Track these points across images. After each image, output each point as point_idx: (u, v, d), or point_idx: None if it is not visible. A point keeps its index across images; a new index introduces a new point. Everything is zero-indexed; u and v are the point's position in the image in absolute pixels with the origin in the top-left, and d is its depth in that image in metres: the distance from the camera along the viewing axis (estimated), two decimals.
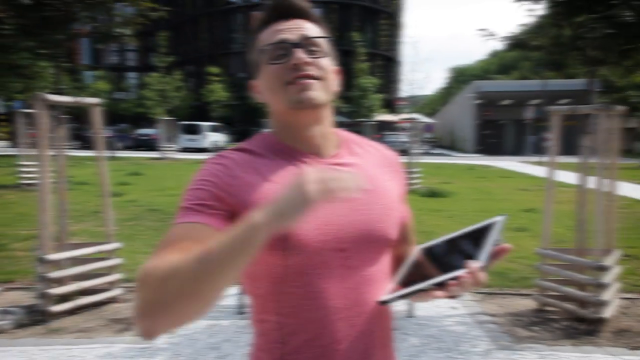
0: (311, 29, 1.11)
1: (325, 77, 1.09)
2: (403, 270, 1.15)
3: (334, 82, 1.14)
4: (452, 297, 0.98)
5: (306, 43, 1.08)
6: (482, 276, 0.95)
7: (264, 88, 1.13)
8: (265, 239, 0.84)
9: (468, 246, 1.04)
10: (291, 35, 1.08)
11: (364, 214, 1.10)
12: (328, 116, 1.15)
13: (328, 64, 1.11)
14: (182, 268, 0.84)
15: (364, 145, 1.24)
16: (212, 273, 0.83)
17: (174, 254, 0.88)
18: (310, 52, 1.08)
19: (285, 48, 1.07)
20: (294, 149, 1.13)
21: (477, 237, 1.04)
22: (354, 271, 1.08)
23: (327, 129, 1.15)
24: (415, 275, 1.08)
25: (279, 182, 1.05)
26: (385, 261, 1.16)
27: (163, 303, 0.84)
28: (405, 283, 1.07)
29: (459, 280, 0.94)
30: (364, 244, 1.09)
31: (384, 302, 1.05)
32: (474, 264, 0.94)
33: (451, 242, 1.12)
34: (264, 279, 1.07)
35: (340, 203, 1.00)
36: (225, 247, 0.83)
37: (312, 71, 1.07)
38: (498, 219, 1.06)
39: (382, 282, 1.13)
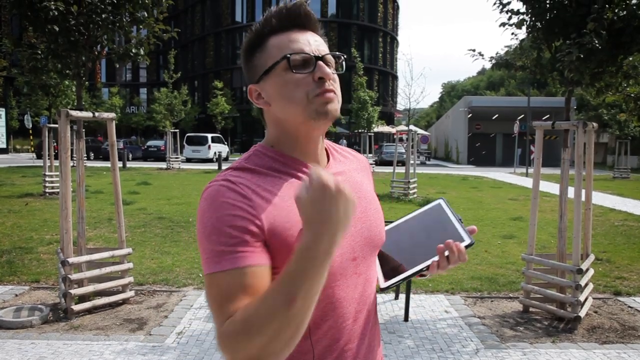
0: (324, 44, 1.11)
1: (338, 93, 1.10)
2: (380, 255, 1.25)
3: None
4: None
5: (325, 59, 1.08)
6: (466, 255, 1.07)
7: (274, 95, 1.08)
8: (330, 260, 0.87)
9: (434, 225, 1.19)
10: (312, 48, 1.07)
11: (365, 221, 1.14)
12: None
13: (338, 79, 1.12)
14: (264, 322, 0.85)
15: (342, 152, 1.27)
16: (301, 310, 0.85)
17: (244, 308, 0.89)
18: (328, 67, 1.08)
19: (308, 60, 1.06)
20: (295, 160, 1.11)
21: (433, 217, 1.20)
22: (361, 276, 1.12)
23: (324, 140, 1.18)
24: (398, 257, 1.19)
25: (290, 200, 1.03)
26: (376, 260, 1.23)
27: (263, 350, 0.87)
28: (392, 266, 1.18)
29: (448, 257, 1.06)
30: (368, 250, 1.13)
31: (385, 289, 1.10)
32: (462, 244, 1.07)
33: (410, 225, 1.24)
34: None
35: None
36: (305, 282, 0.85)
37: (333, 87, 1.07)
38: (439, 200, 1.24)
39: (375, 279, 1.20)
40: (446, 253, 1.06)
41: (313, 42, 1.07)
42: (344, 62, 1.15)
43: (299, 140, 1.10)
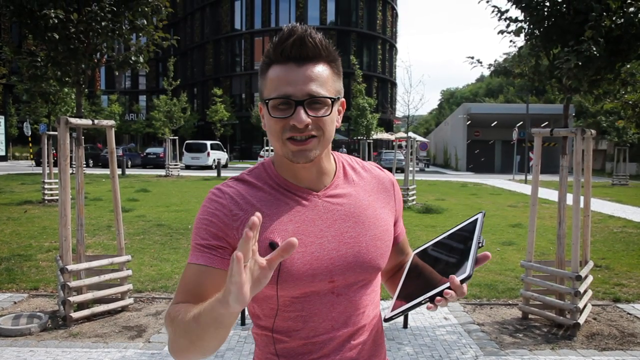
0: (319, 78, 1.09)
1: (323, 133, 1.11)
2: (402, 279, 1.20)
3: (332, 131, 1.14)
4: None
5: (310, 100, 1.08)
6: (465, 288, 0.99)
7: (265, 123, 1.15)
8: (233, 318, 0.91)
9: (458, 244, 1.12)
10: (297, 91, 1.07)
11: (353, 246, 1.15)
12: (326, 152, 1.19)
13: (328, 120, 1.11)
14: (180, 335, 1.00)
15: (360, 170, 1.27)
16: (200, 339, 0.97)
17: (181, 306, 1.04)
18: (313, 108, 1.08)
19: (289, 103, 1.07)
20: (290, 183, 1.16)
21: (464, 234, 1.13)
22: (342, 297, 1.15)
23: (323, 164, 1.19)
24: (414, 282, 1.14)
25: (275, 218, 1.12)
26: (373, 284, 1.23)
27: (177, 349, 1.03)
28: (406, 292, 1.11)
29: (446, 294, 0.98)
30: (352, 274, 1.15)
31: (389, 319, 1.05)
32: (458, 278, 0.98)
33: (442, 243, 1.20)
34: (262, 302, 1.16)
35: (331, 237, 1.14)
36: (203, 325, 0.94)
37: (311, 131, 1.09)
38: (479, 215, 1.16)
39: (369, 304, 1.21)
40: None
41: (302, 81, 1.07)
42: (335, 103, 1.13)
43: (288, 166, 1.16)
